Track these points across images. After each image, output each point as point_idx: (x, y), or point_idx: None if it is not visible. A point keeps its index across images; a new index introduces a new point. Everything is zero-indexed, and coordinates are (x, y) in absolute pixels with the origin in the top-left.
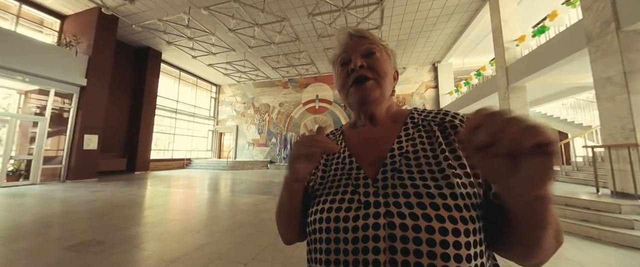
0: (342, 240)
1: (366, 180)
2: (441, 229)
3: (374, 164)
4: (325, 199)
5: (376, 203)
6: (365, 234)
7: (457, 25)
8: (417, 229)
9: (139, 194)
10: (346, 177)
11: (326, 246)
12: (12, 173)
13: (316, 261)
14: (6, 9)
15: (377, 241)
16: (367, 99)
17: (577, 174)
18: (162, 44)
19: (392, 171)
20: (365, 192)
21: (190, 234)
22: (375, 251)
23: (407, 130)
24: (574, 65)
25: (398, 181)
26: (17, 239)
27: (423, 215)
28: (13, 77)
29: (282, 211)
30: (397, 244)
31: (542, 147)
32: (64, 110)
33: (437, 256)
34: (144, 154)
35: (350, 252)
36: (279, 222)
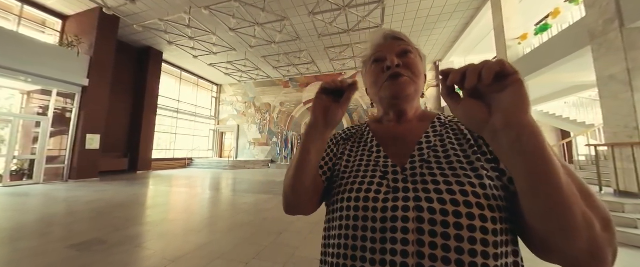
0: (370, 218)
1: (395, 168)
2: (468, 214)
3: (401, 156)
4: (353, 180)
5: (405, 189)
6: (394, 214)
7: (459, 24)
8: (444, 213)
9: (141, 193)
10: (374, 164)
11: (353, 223)
12: (15, 173)
13: (340, 237)
14: (8, 9)
15: (406, 222)
16: (401, 94)
17: (579, 173)
18: (163, 44)
19: (420, 161)
20: (394, 179)
21: (192, 233)
22: (403, 230)
23: (434, 128)
24: (576, 64)
25: (427, 171)
26: (21, 239)
27: (451, 200)
28: (16, 77)
29: (298, 166)
30: (425, 226)
31: (506, 77)
32: (66, 111)
33: (464, 239)
34: (146, 154)
35: (378, 230)
36: (290, 182)
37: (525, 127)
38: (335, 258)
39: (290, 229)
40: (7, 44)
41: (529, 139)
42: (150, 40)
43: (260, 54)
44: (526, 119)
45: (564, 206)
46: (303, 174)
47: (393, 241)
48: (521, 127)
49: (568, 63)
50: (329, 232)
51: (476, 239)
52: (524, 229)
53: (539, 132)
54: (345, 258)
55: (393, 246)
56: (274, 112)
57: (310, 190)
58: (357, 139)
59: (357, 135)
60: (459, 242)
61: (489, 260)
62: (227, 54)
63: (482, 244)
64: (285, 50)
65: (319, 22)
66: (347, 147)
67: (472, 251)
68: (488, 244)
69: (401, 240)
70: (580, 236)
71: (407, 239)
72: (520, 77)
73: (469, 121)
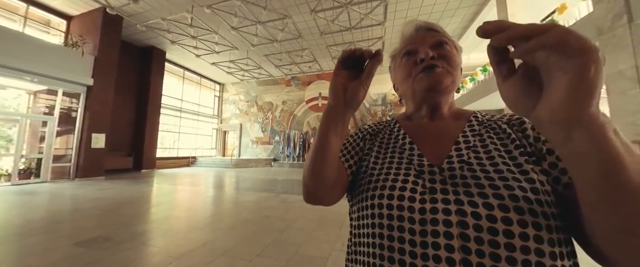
0: (406, 219)
1: (432, 168)
2: (520, 221)
3: (436, 156)
4: (385, 177)
5: (443, 190)
6: (434, 217)
7: (463, 20)
8: (492, 219)
9: (146, 191)
10: (407, 162)
11: (388, 222)
12: (23, 171)
13: (376, 236)
14: (14, 10)
15: (449, 226)
16: (438, 86)
17: None
18: (166, 43)
19: (459, 162)
20: (430, 179)
21: (196, 230)
22: (447, 235)
23: (472, 127)
24: None
25: (469, 172)
26: (29, 235)
27: (499, 205)
28: (22, 77)
29: (316, 152)
30: (470, 232)
31: (577, 53)
32: (71, 110)
33: (516, 248)
34: (150, 153)
35: (418, 233)
36: (308, 168)
37: (580, 124)
38: (370, 257)
39: (293, 226)
40: (13, 45)
41: (585, 140)
42: (154, 40)
43: (262, 52)
44: (582, 114)
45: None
46: (322, 161)
47: (435, 246)
48: (573, 124)
49: None
50: (359, 230)
51: (530, 248)
52: (583, 239)
53: (601, 132)
54: (381, 259)
55: (436, 252)
56: (276, 111)
57: (331, 179)
58: (386, 135)
59: (386, 130)
60: (511, 252)
61: (544, 258)
62: (230, 52)
63: (537, 254)
64: (287, 48)
65: (321, 20)
66: (375, 142)
67: (526, 261)
68: (544, 254)
69: (445, 246)
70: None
71: (451, 245)
72: (597, 56)
73: (513, 103)
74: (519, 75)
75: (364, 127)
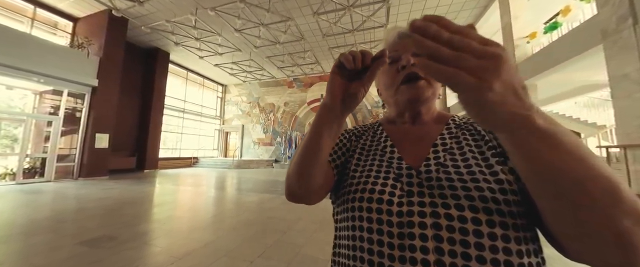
0: (385, 222)
1: (410, 171)
2: (488, 221)
3: (416, 159)
4: (366, 180)
5: (420, 193)
6: (410, 220)
7: (466, 23)
8: (463, 220)
9: (149, 191)
10: (387, 165)
11: (368, 225)
12: (28, 170)
13: (356, 239)
14: (22, 12)
15: (424, 228)
16: (419, 98)
17: None
18: (170, 45)
19: (436, 164)
20: (408, 182)
21: (198, 231)
22: (422, 237)
23: (449, 130)
24: (588, 63)
25: (444, 175)
26: (34, 234)
27: (470, 206)
28: (29, 78)
29: (306, 152)
30: (443, 233)
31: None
32: (76, 110)
33: (485, 247)
34: (153, 153)
35: (396, 236)
36: (295, 168)
37: (496, 129)
38: (350, 260)
39: (295, 227)
40: (20, 46)
41: (506, 142)
42: (158, 42)
43: (265, 54)
44: (492, 123)
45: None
46: (312, 162)
47: (412, 249)
48: (492, 128)
49: (579, 62)
50: (340, 233)
51: (498, 247)
52: (546, 234)
53: (518, 133)
54: (361, 261)
55: (412, 254)
56: (278, 112)
57: (318, 180)
58: (369, 137)
59: (369, 132)
60: (480, 251)
61: (512, 256)
62: (232, 54)
63: (505, 252)
64: (289, 50)
65: (324, 22)
66: (358, 144)
67: (495, 260)
68: (511, 252)
69: (420, 248)
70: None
71: (426, 246)
72: (499, 53)
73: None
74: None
75: (349, 128)
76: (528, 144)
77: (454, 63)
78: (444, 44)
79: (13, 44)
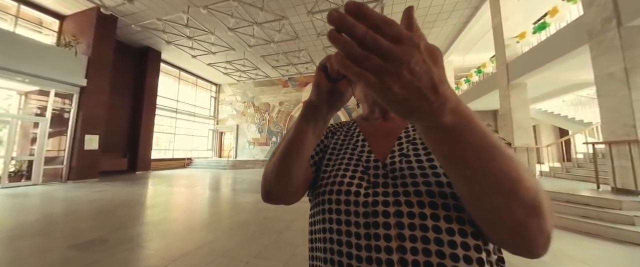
0: (352, 213)
1: (376, 163)
2: (444, 205)
3: (384, 152)
4: (335, 174)
5: (384, 184)
6: (375, 209)
7: (458, 22)
8: (421, 205)
9: (141, 193)
10: (357, 159)
11: (337, 217)
12: (14, 174)
13: (328, 231)
14: (5, 9)
15: (387, 217)
16: None
17: (577, 170)
18: (162, 44)
19: (400, 156)
20: (374, 174)
21: (193, 232)
22: (385, 225)
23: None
24: (575, 62)
25: (406, 164)
26: (22, 238)
27: (427, 192)
28: (13, 77)
29: (288, 150)
30: (405, 220)
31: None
32: (64, 111)
33: (442, 230)
34: (145, 154)
35: (362, 225)
36: (275, 167)
37: (414, 120)
38: (322, 252)
39: (291, 227)
40: (4, 44)
41: (444, 133)
42: (149, 40)
43: (259, 53)
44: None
45: (491, 211)
46: (294, 161)
47: (376, 237)
48: (408, 118)
49: (566, 61)
50: (314, 227)
51: (454, 229)
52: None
53: (419, 128)
54: (331, 253)
55: (377, 242)
56: (273, 112)
57: (298, 180)
58: (343, 133)
59: (344, 128)
60: (437, 234)
61: (469, 251)
62: (226, 53)
63: (460, 234)
64: (284, 49)
65: (318, 21)
66: (332, 141)
67: (452, 241)
68: (466, 234)
69: (384, 235)
70: (497, 224)
71: (389, 234)
72: (400, 56)
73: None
74: None
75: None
76: (430, 136)
77: (360, 63)
78: (357, 40)
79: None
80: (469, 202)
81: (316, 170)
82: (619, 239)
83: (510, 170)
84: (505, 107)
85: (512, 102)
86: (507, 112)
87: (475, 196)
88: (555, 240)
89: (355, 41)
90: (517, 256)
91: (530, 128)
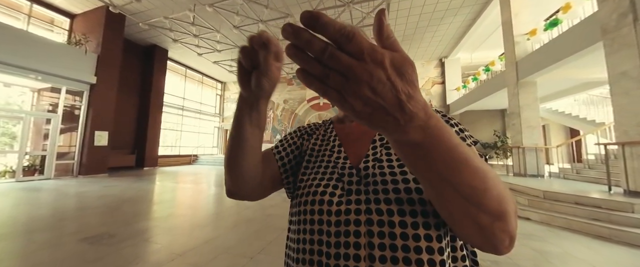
0: (325, 222)
1: (351, 170)
2: (412, 212)
3: (359, 155)
4: (311, 183)
5: (358, 191)
6: (347, 218)
7: (466, 19)
8: (390, 213)
9: (149, 189)
10: (333, 166)
11: (310, 227)
12: (27, 168)
13: (302, 241)
14: (18, 8)
15: (358, 225)
16: None
17: (588, 172)
18: (168, 42)
19: (373, 160)
20: (348, 180)
21: (198, 228)
22: (356, 234)
23: None
24: (587, 60)
25: (378, 170)
26: (35, 231)
27: (396, 199)
28: (26, 75)
29: (231, 143)
30: (375, 228)
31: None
32: (75, 108)
33: (409, 237)
34: (152, 151)
35: (333, 234)
36: (226, 161)
37: (381, 132)
38: (294, 252)
39: None
40: (18, 43)
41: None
42: (156, 38)
43: None
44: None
45: (450, 215)
46: (237, 152)
47: (346, 245)
48: (376, 130)
49: (578, 59)
50: (290, 231)
51: (420, 235)
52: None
53: (392, 143)
54: (303, 263)
55: (346, 251)
56: (278, 110)
57: (251, 172)
58: (320, 136)
59: (321, 130)
60: (405, 241)
61: (433, 255)
62: (231, 51)
63: (426, 239)
64: None
65: None
66: (309, 144)
67: (417, 247)
68: (431, 239)
69: (353, 244)
70: (464, 226)
71: (358, 242)
72: (359, 74)
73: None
74: None
75: (302, 126)
76: (398, 148)
77: (321, 81)
78: (315, 56)
79: (10, 41)
80: (437, 205)
81: (291, 173)
82: (630, 242)
83: (478, 182)
84: (514, 106)
85: (521, 101)
86: (515, 111)
87: (442, 201)
88: (563, 241)
89: (315, 56)
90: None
91: (540, 128)
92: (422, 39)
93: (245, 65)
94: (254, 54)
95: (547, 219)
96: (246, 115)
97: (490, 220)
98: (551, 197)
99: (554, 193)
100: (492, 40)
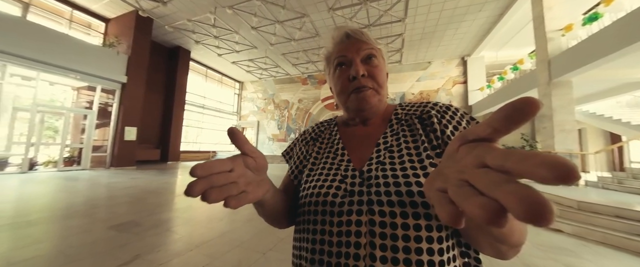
0: (327, 222)
1: (354, 172)
2: (414, 214)
3: (362, 159)
4: (315, 184)
5: (360, 192)
6: (348, 218)
7: (491, 15)
8: (393, 215)
9: (171, 182)
10: (336, 168)
11: (313, 227)
12: (67, 159)
13: (304, 241)
14: (61, 14)
15: (359, 226)
16: (364, 107)
17: (632, 182)
18: (191, 43)
19: (376, 163)
20: (351, 182)
21: (215, 221)
22: (357, 234)
23: (391, 127)
24: (632, 58)
25: (381, 173)
26: (70, 217)
27: (398, 202)
28: (67, 74)
29: (263, 215)
30: (376, 229)
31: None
32: (108, 105)
33: (410, 238)
34: (175, 146)
35: (335, 234)
36: (266, 220)
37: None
38: (299, 259)
39: None
40: (61, 45)
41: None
42: (180, 40)
43: (280, 51)
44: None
45: (500, 248)
46: (272, 216)
47: (347, 244)
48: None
49: (622, 57)
50: (296, 230)
51: (422, 237)
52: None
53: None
54: (307, 261)
55: (347, 250)
56: (292, 109)
57: (285, 214)
58: (325, 139)
59: (326, 133)
60: (406, 242)
61: (433, 256)
62: (249, 51)
63: (427, 241)
64: (304, 47)
65: (339, 17)
66: (314, 147)
67: (418, 249)
68: (433, 240)
69: (354, 243)
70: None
71: (359, 242)
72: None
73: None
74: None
75: (307, 130)
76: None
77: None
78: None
79: (54, 44)
80: (464, 236)
81: (296, 176)
82: None
83: (514, 239)
84: (545, 108)
85: (553, 103)
86: (547, 114)
87: (472, 239)
88: (600, 258)
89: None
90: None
91: (575, 132)
92: (442, 36)
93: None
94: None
95: (582, 232)
96: (257, 207)
97: (509, 249)
98: (587, 209)
99: (590, 204)
100: (520, 37)
